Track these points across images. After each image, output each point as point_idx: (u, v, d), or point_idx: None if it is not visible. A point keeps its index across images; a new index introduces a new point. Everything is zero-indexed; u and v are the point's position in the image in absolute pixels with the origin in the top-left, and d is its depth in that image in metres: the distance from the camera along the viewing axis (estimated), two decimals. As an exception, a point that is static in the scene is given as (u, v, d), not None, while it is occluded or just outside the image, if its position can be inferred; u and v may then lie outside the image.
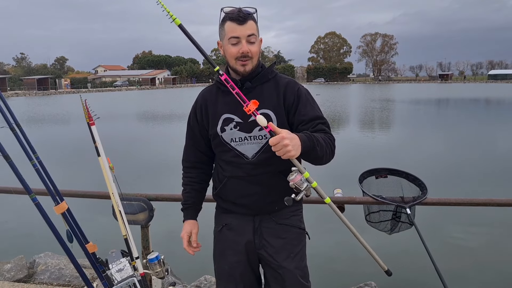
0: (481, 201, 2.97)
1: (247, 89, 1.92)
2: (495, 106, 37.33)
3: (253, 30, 1.85)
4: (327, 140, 1.81)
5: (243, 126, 1.92)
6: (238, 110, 1.88)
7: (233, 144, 1.94)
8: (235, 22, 1.83)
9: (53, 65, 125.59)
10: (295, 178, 1.72)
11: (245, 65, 1.87)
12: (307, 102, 1.93)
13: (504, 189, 8.75)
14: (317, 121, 1.88)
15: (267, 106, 1.91)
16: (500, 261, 5.41)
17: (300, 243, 2.03)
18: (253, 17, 1.88)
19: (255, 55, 1.88)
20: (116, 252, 2.26)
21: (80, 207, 3.72)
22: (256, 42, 1.88)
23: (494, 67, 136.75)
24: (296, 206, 2.06)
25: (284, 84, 1.96)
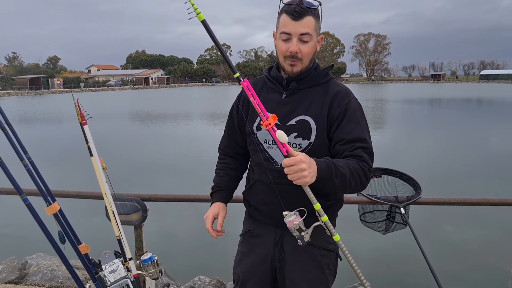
0: (475, 200, 2.98)
1: (292, 90, 1.77)
2: (487, 106, 37.62)
3: (308, 29, 1.64)
4: (357, 170, 1.61)
5: (279, 129, 1.72)
6: (279, 111, 1.74)
7: (265, 146, 1.81)
8: (289, 16, 1.63)
9: (46, 64, 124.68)
10: (292, 220, 1.56)
11: (293, 65, 1.71)
12: (353, 119, 1.71)
13: (498, 188, 8.82)
14: (357, 144, 1.67)
15: (309, 113, 1.73)
16: (494, 260, 5.44)
17: (322, 266, 1.83)
18: (315, 12, 1.66)
19: (306, 56, 1.70)
20: (109, 253, 2.24)
21: (72, 208, 3.69)
22: (310, 42, 1.67)
23: (485, 68, 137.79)
24: None
25: (334, 93, 1.74)
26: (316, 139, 1.74)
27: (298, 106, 1.76)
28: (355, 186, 1.64)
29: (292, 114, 1.76)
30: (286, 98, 1.78)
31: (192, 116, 27.64)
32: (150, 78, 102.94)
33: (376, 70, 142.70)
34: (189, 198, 3.07)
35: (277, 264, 1.87)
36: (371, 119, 25.06)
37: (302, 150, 1.74)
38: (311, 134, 1.74)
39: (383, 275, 5.00)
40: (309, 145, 1.74)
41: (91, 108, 2.22)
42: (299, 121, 1.75)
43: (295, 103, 1.77)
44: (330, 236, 1.78)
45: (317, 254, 1.83)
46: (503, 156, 12.67)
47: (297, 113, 1.75)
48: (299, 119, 1.74)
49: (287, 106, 1.77)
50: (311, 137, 1.74)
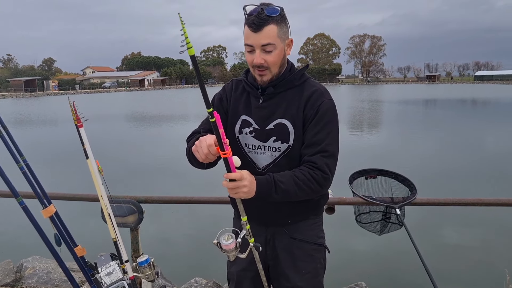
0: (470, 201, 2.99)
1: (268, 95, 1.78)
2: (481, 106, 37.81)
3: (269, 39, 1.63)
4: (305, 182, 1.66)
5: (259, 133, 1.79)
6: (257, 115, 1.79)
7: (246, 150, 1.83)
8: (250, 28, 1.63)
9: (41, 66, 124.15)
10: (230, 244, 1.62)
11: (262, 75, 1.72)
12: (321, 121, 1.72)
13: (492, 188, 8.86)
14: (318, 148, 1.70)
15: (286, 116, 1.75)
16: (489, 260, 5.47)
17: (314, 259, 1.90)
18: (276, 19, 1.63)
19: (273, 64, 1.70)
20: (105, 255, 2.24)
21: (68, 210, 3.68)
22: (274, 51, 1.66)
23: (480, 68, 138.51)
24: (313, 219, 1.93)
25: (308, 94, 1.76)
26: (294, 142, 1.76)
27: (276, 110, 1.78)
28: (306, 196, 1.70)
29: (270, 118, 1.78)
30: (264, 103, 1.80)
31: (188, 117, 27.62)
32: (146, 80, 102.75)
33: (372, 71, 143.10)
34: (185, 200, 3.06)
35: (270, 262, 1.91)
36: (366, 120, 25.15)
37: (282, 153, 1.78)
38: (290, 137, 1.76)
39: (379, 276, 5.01)
40: (288, 148, 1.77)
41: (87, 110, 2.22)
42: (277, 125, 1.77)
43: (272, 107, 1.79)
44: (320, 231, 1.95)
45: (309, 249, 1.89)
46: (498, 157, 12.74)
47: (275, 117, 1.77)
48: (277, 123, 1.77)
49: (265, 111, 1.79)
50: (289, 140, 1.77)
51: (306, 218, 1.89)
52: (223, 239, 1.67)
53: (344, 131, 20.19)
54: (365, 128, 21.06)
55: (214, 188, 8.94)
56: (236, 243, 1.67)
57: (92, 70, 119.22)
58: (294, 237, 1.87)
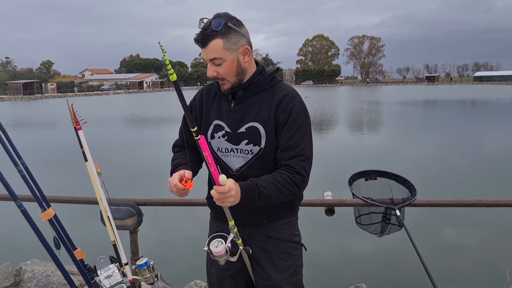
0: (470, 201, 2.99)
1: (239, 98, 1.82)
2: (481, 107, 37.86)
3: (215, 53, 1.67)
4: (285, 185, 1.72)
5: (231, 136, 1.83)
6: (229, 119, 1.83)
7: (219, 154, 1.87)
8: (197, 44, 1.69)
9: (39, 69, 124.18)
10: (220, 251, 1.68)
11: (222, 84, 1.79)
12: (294, 125, 1.76)
13: (492, 189, 8.87)
14: (294, 152, 1.75)
15: (257, 119, 1.79)
16: (489, 261, 5.47)
17: (292, 257, 1.94)
18: (221, 33, 1.66)
19: (227, 75, 1.74)
20: (105, 258, 2.23)
21: (67, 213, 3.68)
22: (223, 63, 1.71)
23: (479, 69, 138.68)
24: (289, 218, 1.98)
25: (280, 98, 1.79)
26: (266, 145, 1.80)
27: (247, 113, 1.81)
28: (285, 198, 1.77)
29: (241, 122, 1.82)
30: (235, 107, 1.84)
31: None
32: (144, 82, 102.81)
33: (371, 72, 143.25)
34: (185, 202, 3.05)
35: (250, 261, 1.94)
36: (366, 121, 25.17)
37: (254, 155, 1.82)
38: (261, 140, 1.80)
39: (379, 277, 5.01)
40: (260, 151, 1.81)
41: (85, 112, 2.22)
42: (249, 128, 1.81)
43: (243, 110, 1.82)
44: (295, 229, 1.99)
45: (285, 247, 1.92)
46: (498, 157, 12.75)
47: (246, 120, 1.81)
48: (248, 126, 1.80)
49: (237, 114, 1.83)
50: (261, 143, 1.80)
51: (281, 217, 1.94)
52: (213, 247, 1.72)
53: (344, 132, 20.22)
54: (365, 129, 21.08)
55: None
56: (226, 248, 1.71)
57: (91, 73, 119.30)
58: (270, 236, 1.91)
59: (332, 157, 13.47)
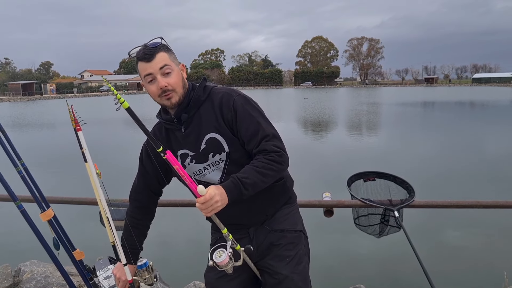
0: (468, 203, 3.00)
1: (187, 122, 1.87)
2: (480, 108, 37.90)
3: (164, 61, 1.76)
4: (266, 166, 1.75)
5: (197, 157, 1.89)
6: (188, 143, 1.88)
7: (196, 178, 1.92)
8: (143, 61, 1.76)
9: (38, 70, 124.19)
10: (225, 258, 1.69)
11: (170, 97, 1.80)
12: (245, 115, 1.82)
13: (491, 191, 8.88)
14: (258, 138, 1.79)
15: (210, 130, 1.84)
16: (488, 262, 5.48)
17: (296, 246, 1.97)
18: (163, 48, 1.77)
19: (176, 85, 1.79)
20: (104, 259, 2.24)
21: (67, 214, 3.68)
22: (172, 72, 1.78)
23: (478, 71, 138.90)
24: (288, 207, 2.03)
25: (218, 101, 1.86)
26: (230, 147, 1.85)
27: (199, 130, 1.87)
28: (273, 178, 1.80)
29: (199, 140, 1.87)
30: (186, 131, 1.89)
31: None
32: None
33: (370, 74, 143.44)
34: (184, 203, 3.06)
35: (256, 259, 1.96)
36: (365, 122, 25.19)
37: (225, 161, 1.87)
38: (223, 145, 1.85)
39: (377, 278, 5.01)
40: (228, 155, 1.86)
41: (85, 113, 2.22)
42: (207, 141, 1.86)
43: (195, 130, 1.87)
44: (296, 218, 2.05)
45: (289, 237, 1.97)
46: (496, 159, 12.77)
47: (201, 136, 1.86)
48: (206, 139, 1.85)
49: (191, 136, 1.88)
50: (225, 148, 1.86)
51: (280, 208, 1.99)
52: (216, 257, 1.72)
53: (343, 133, 20.23)
54: (364, 131, 21.10)
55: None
56: (229, 255, 1.71)
57: (90, 74, 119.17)
58: (275, 229, 1.95)
59: (331, 158, 13.48)
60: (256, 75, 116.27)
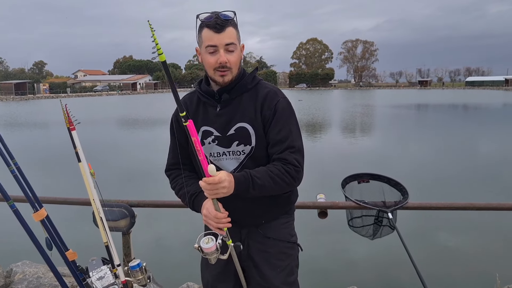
0: (461, 205, 3.01)
1: (225, 102, 1.84)
2: (473, 111, 38.16)
3: (232, 39, 1.72)
4: (280, 176, 1.73)
5: (221, 140, 1.84)
6: (217, 123, 1.84)
7: (211, 159, 1.87)
8: (212, 29, 1.70)
9: (31, 69, 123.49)
10: (211, 247, 1.68)
11: (224, 75, 1.77)
12: (281, 119, 1.81)
13: (484, 193, 8.94)
14: (284, 145, 1.78)
15: (245, 119, 1.82)
16: (480, 264, 5.51)
17: (288, 257, 1.95)
18: (233, 23, 1.74)
19: (234, 65, 1.77)
20: (97, 259, 2.22)
21: (60, 214, 3.65)
22: (235, 51, 1.75)
23: (471, 74, 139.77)
24: (286, 218, 1.99)
25: (263, 95, 1.83)
26: (257, 143, 1.83)
27: (234, 115, 1.83)
28: (281, 189, 1.78)
29: (230, 124, 1.84)
30: (221, 110, 1.85)
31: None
32: (138, 84, 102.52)
33: (364, 76, 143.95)
34: (178, 204, 3.06)
35: (244, 263, 1.94)
36: (359, 124, 25.27)
37: (246, 155, 1.84)
38: (251, 139, 1.83)
39: (371, 279, 5.03)
40: (251, 150, 1.83)
41: (78, 113, 2.21)
42: (238, 129, 1.83)
43: (230, 113, 1.84)
44: (292, 229, 2.01)
45: (282, 247, 1.94)
46: (490, 161, 12.86)
47: (234, 122, 1.83)
48: (237, 127, 1.82)
49: (224, 117, 1.85)
50: (251, 142, 1.83)
51: (278, 217, 1.96)
52: (204, 243, 1.71)
53: (337, 135, 20.28)
54: (358, 133, 21.16)
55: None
56: (217, 245, 1.71)
57: (84, 74, 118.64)
58: (268, 236, 1.92)
59: (326, 160, 13.51)
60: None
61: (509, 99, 57.28)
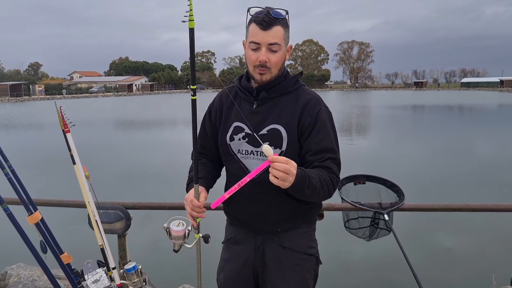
0: (457, 206, 3.02)
1: (262, 100, 1.79)
2: (468, 112, 38.32)
3: (276, 38, 1.67)
4: (327, 182, 1.67)
5: (252, 139, 1.78)
6: (250, 120, 1.78)
7: (239, 156, 1.82)
8: (258, 25, 1.65)
9: (27, 71, 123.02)
10: (179, 231, 1.65)
11: (262, 74, 1.72)
12: (323, 128, 1.74)
13: (480, 194, 8.98)
14: (327, 155, 1.71)
15: (280, 122, 1.75)
16: (476, 265, 5.52)
17: (303, 269, 1.87)
18: (283, 22, 1.68)
19: (275, 65, 1.71)
20: (92, 262, 2.21)
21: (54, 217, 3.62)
22: (279, 51, 1.70)
23: (466, 75, 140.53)
24: (304, 228, 1.91)
25: (304, 101, 1.77)
26: (287, 148, 1.76)
27: (269, 115, 1.78)
28: (323, 197, 1.71)
29: (263, 124, 1.78)
30: (257, 108, 1.80)
31: (176, 123, 27.53)
32: (134, 85, 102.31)
33: (360, 77, 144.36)
34: (174, 206, 3.04)
35: (258, 269, 1.89)
36: (355, 125, 25.31)
37: None
38: (283, 142, 1.76)
39: (367, 281, 5.03)
40: (280, 154, 1.76)
41: (74, 115, 2.20)
42: (270, 130, 1.77)
43: (266, 112, 1.79)
44: (311, 240, 1.92)
45: (297, 258, 1.85)
46: (485, 162, 12.91)
47: (268, 122, 1.77)
48: (270, 128, 1.76)
49: (258, 116, 1.79)
50: (282, 146, 1.76)
51: (297, 227, 1.88)
52: (174, 225, 1.67)
53: (333, 136, 20.26)
54: (354, 134, 21.20)
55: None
56: (186, 231, 1.67)
57: (80, 75, 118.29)
58: (284, 246, 1.84)
59: (322, 161, 13.49)
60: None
61: (504, 100, 57.61)
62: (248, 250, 1.89)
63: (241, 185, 1.58)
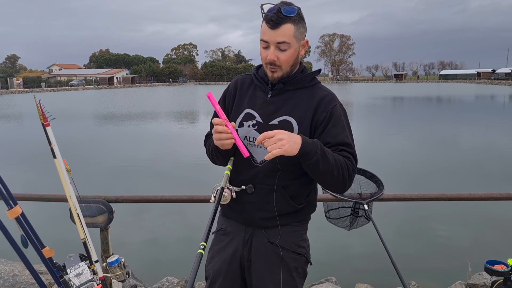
0: (434, 196, 3.11)
1: (277, 90, 1.79)
2: (446, 104, 38.97)
3: (285, 37, 1.65)
4: (341, 163, 1.65)
5: (261, 127, 1.77)
6: (262, 109, 1.79)
7: (246, 143, 1.80)
8: (267, 24, 1.65)
9: (4, 63, 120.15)
10: None
11: (273, 71, 1.74)
12: (339, 124, 1.75)
13: (457, 184, 9.19)
14: (342, 148, 1.71)
15: (292, 114, 1.76)
16: (453, 253, 5.67)
17: (290, 269, 1.83)
18: (294, 19, 1.65)
19: (285, 63, 1.72)
20: (74, 256, 2.21)
21: (35, 211, 3.60)
22: (288, 50, 1.69)
23: (445, 68, 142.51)
24: (296, 226, 1.88)
25: (319, 97, 1.77)
26: None
27: (282, 106, 1.79)
28: (337, 177, 1.66)
29: (275, 114, 1.79)
30: (271, 98, 1.81)
31: (159, 116, 27.31)
32: (115, 78, 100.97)
33: (341, 70, 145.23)
34: (156, 199, 3.05)
35: (245, 263, 1.88)
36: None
37: None
38: None
39: (348, 269, 5.12)
40: None
41: (54, 108, 2.18)
42: (282, 121, 1.77)
43: (279, 103, 1.80)
44: (301, 240, 1.89)
45: (285, 257, 1.84)
46: (463, 152, 13.19)
47: (280, 113, 1.78)
48: (282, 119, 1.77)
49: (272, 106, 1.80)
50: None
51: (287, 224, 1.85)
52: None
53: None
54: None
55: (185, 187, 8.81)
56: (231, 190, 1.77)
57: (59, 68, 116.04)
58: (272, 242, 1.83)
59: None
60: (229, 70, 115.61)
61: (480, 91, 58.78)
62: (237, 242, 1.88)
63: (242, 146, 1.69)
